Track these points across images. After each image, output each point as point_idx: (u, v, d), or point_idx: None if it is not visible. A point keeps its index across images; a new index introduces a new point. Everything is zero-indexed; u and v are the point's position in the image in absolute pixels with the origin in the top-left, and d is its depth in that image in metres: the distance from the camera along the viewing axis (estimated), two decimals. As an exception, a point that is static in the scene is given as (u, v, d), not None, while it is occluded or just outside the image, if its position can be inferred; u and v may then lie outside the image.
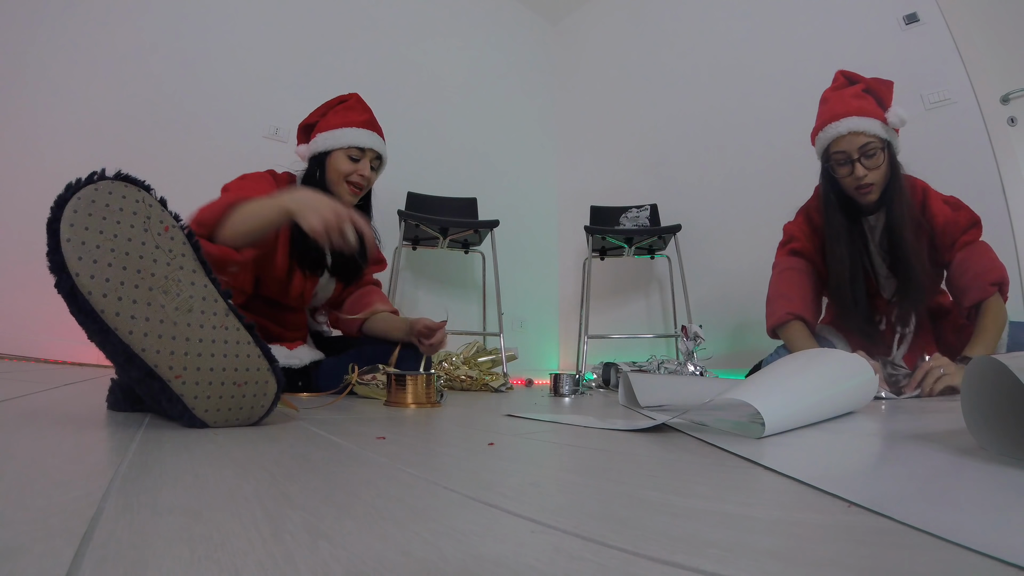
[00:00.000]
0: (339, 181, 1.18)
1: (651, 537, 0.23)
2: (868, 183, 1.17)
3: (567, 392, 1.27)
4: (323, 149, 1.19)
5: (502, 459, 0.43)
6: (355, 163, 1.19)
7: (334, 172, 1.18)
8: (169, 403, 0.53)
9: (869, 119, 1.15)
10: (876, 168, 1.16)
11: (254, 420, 0.58)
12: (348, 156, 1.18)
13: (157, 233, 0.53)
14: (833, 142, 1.18)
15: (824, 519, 0.26)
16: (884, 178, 1.18)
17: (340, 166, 1.18)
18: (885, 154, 1.16)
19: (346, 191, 1.19)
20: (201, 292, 0.55)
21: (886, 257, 1.24)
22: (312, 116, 1.26)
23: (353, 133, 1.19)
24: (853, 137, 1.15)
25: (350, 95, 1.27)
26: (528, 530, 0.24)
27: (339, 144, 1.18)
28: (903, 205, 1.17)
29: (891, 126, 1.16)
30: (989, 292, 1.13)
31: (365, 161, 1.20)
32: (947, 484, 0.35)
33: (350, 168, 1.18)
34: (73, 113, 1.85)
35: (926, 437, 0.53)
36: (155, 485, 0.30)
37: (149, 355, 0.51)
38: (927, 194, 1.25)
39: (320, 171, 1.19)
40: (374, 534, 0.23)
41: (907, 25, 1.97)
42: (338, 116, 1.21)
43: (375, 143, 1.21)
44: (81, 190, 0.49)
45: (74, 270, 0.48)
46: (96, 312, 0.49)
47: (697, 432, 0.56)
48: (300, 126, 1.28)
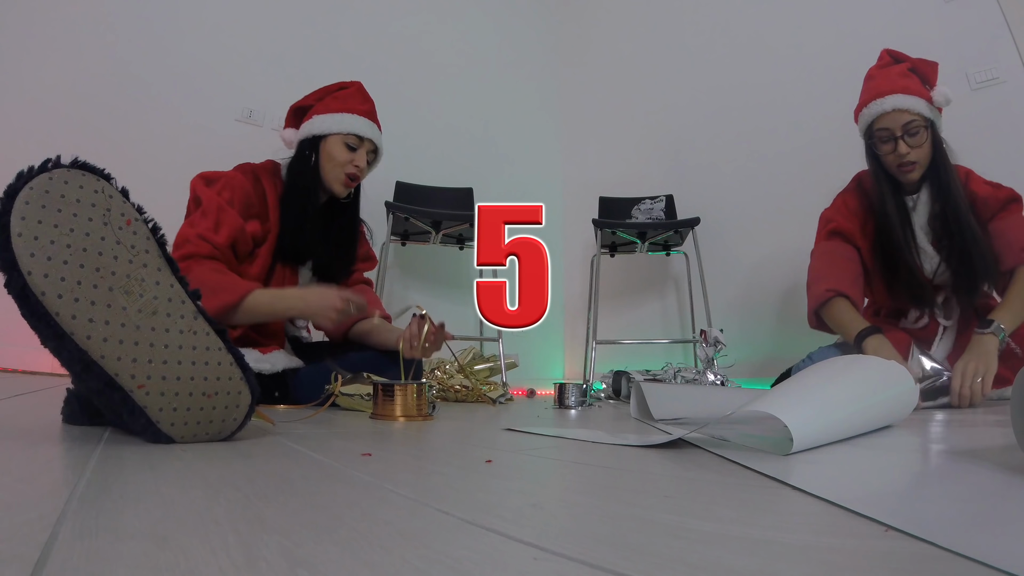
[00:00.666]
0: (333, 169, 1.22)
1: (667, 565, 0.23)
2: (911, 161, 1.26)
3: (573, 404, 1.28)
4: (319, 132, 1.22)
5: (501, 478, 0.43)
6: (351, 152, 1.22)
7: (329, 159, 1.22)
8: (131, 416, 0.53)
9: (914, 97, 1.24)
10: (919, 147, 1.25)
11: (226, 435, 0.58)
12: (345, 143, 1.22)
13: (118, 227, 0.53)
14: (877, 119, 1.27)
15: (859, 545, 0.26)
16: (927, 157, 1.27)
17: (336, 153, 1.22)
18: (928, 133, 1.25)
19: (339, 181, 1.23)
20: (167, 293, 0.55)
21: (929, 234, 1.32)
22: (307, 99, 1.29)
23: (353, 120, 1.22)
24: (897, 115, 1.24)
25: (352, 82, 1.30)
26: (530, 557, 0.24)
27: (337, 129, 1.22)
28: (953, 185, 1.26)
29: (935, 105, 1.26)
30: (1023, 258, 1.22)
31: (362, 152, 1.23)
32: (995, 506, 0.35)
33: (346, 157, 1.22)
34: (24, 92, 1.85)
35: (972, 454, 0.53)
36: (116, 507, 0.30)
37: (109, 363, 0.51)
38: (969, 176, 1.35)
39: (314, 155, 1.22)
40: (359, 561, 0.23)
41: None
42: (338, 102, 1.24)
43: (374, 134, 1.26)
44: (34, 179, 0.49)
45: (26, 268, 0.48)
46: (50, 315, 0.49)
47: (717, 448, 0.56)
48: (292, 108, 1.30)
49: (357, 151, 1.23)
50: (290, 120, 1.30)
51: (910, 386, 0.73)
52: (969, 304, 1.34)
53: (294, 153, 1.25)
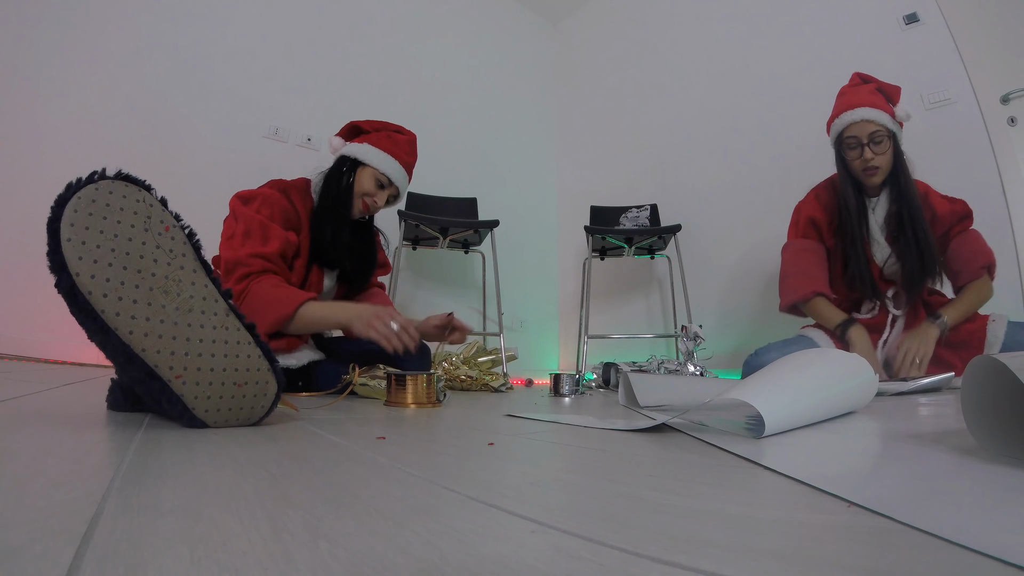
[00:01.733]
0: (358, 195, 1.23)
1: (651, 537, 0.23)
2: (874, 166, 1.33)
3: (567, 392, 1.27)
4: (362, 159, 1.23)
5: (502, 459, 0.43)
6: (378, 188, 1.24)
7: (357, 184, 1.23)
8: (169, 403, 0.53)
9: (879, 111, 1.32)
10: (882, 154, 1.32)
11: (254, 420, 0.58)
12: (376, 179, 1.23)
13: (158, 233, 0.53)
14: (847, 128, 1.35)
15: (825, 519, 0.26)
16: (888, 164, 1.34)
17: (364, 183, 1.23)
18: (891, 143, 1.33)
19: (359, 207, 1.24)
20: (202, 292, 0.55)
21: (883, 229, 1.39)
22: (367, 124, 1.30)
23: (394, 165, 1.24)
24: (865, 124, 1.32)
25: (409, 132, 1.32)
26: (528, 530, 0.24)
27: (378, 165, 1.23)
28: (911, 189, 1.34)
29: (897, 120, 1.34)
30: (979, 275, 1.33)
31: (384, 193, 1.25)
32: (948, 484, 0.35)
33: (372, 190, 1.23)
34: (72, 113, 1.85)
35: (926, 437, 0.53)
36: (155, 485, 0.30)
37: (149, 355, 0.51)
38: (928, 192, 1.41)
39: (350, 175, 1.23)
40: (374, 534, 0.23)
41: (907, 25, 1.97)
42: (390, 141, 1.26)
43: (403, 184, 1.28)
44: (81, 190, 0.49)
45: (74, 270, 0.48)
46: (96, 312, 0.49)
47: (697, 432, 0.56)
48: (351, 124, 1.31)
49: (382, 190, 1.25)
50: (344, 132, 1.31)
51: (870, 376, 0.73)
52: (917, 296, 1.38)
53: (332, 165, 1.25)
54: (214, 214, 1.36)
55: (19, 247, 1.68)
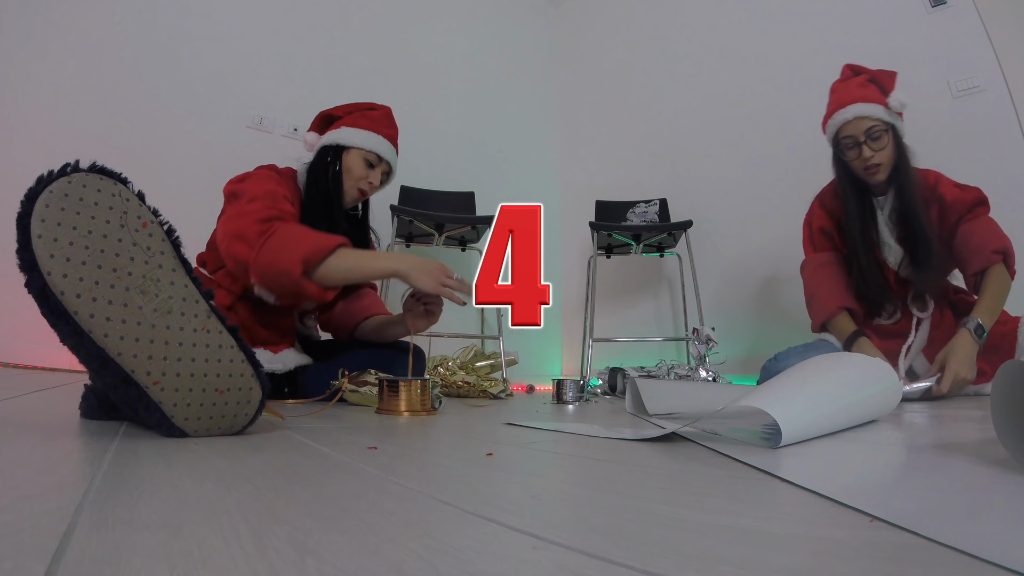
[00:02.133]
0: (348, 180, 1.23)
1: (660, 554, 0.23)
2: (875, 163, 1.32)
3: (571, 399, 1.28)
4: (344, 143, 1.23)
5: (501, 470, 0.43)
6: (369, 168, 1.24)
7: (347, 170, 1.23)
8: (146, 411, 0.53)
9: (873, 104, 1.30)
10: (882, 149, 1.31)
11: (237, 429, 0.58)
12: (365, 159, 1.23)
13: (134, 229, 0.53)
14: (841, 127, 1.33)
15: (846, 535, 0.26)
16: (891, 159, 1.32)
17: (354, 166, 1.23)
18: (890, 136, 1.31)
19: (353, 194, 1.24)
20: (181, 292, 0.54)
21: (894, 230, 1.39)
22: (337, 110, 1.30)
23: (379, 140, 1.24)
24: (859, 121, 1.31)
25: (382, 106, 1.32)
26: (529, 546, 0.24)
27: (361, 144, 1.23)
28: (911, 182, 1.32)
29: (893, 110, 1.31)
30: (992, 260, 1.26)
31: (377, 171, 1.25)
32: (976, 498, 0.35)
33: (363, 172, 1.23)
34: (43, 101, 1.84)
35: (954, 447, 0.53)
36: (131, 498, 0.30)
37: (125, 359, 0.51)
38: (939, 180, 1.38)
39: (337, 163, 1.23)
40: (365, 550, 0.23)
41: (933, 8, 1.97)
42: (367, 120, 1.26)
43: (392, 158, 1.28)
44: (53, 183, 0.49)
45: (46, 268, 0.48)
46: (69, 313, 0.49)
47: (709, 442, 0.56)
48: (321, 115, 1.31)
49: (374, 169, 1.24)
50: (316, 125, 1.30)
51: (894, 382, 0.73)
52: (934, 295, 1.38)
53: (314, 158, 1.25)
54: (195, 209, 1.35)
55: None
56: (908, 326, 1.40)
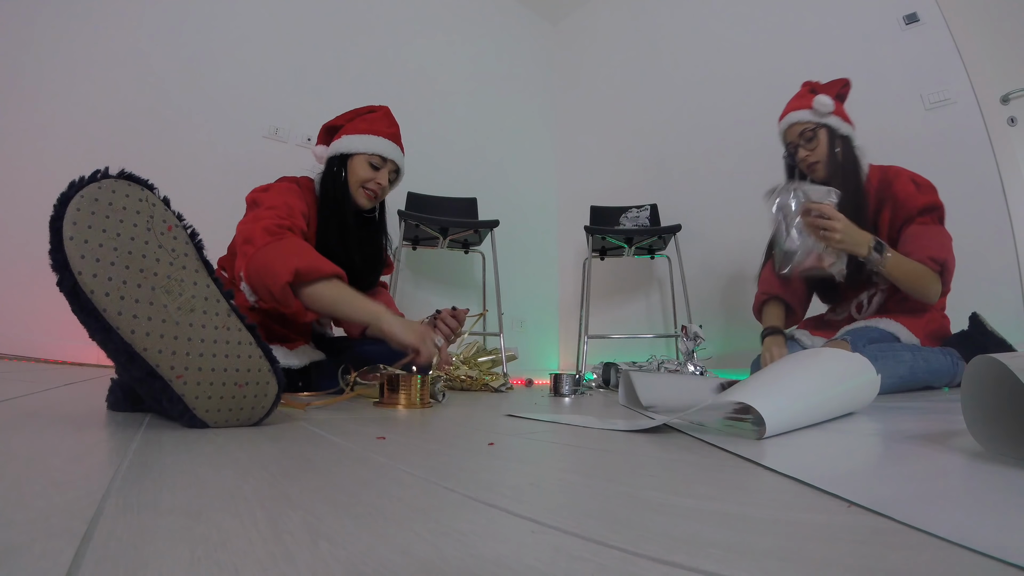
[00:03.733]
0: (357, 185, 1.21)
1: (651, 537, 0.23)
2: (811, 161, 1.36)
3: (567, 392, 1.27)
4: (347, 151, 1.21)
5: (502, 459, 0.43)
6: (375, 171, 1.21)
7: (353, 175, 1.21)
8: (170, 403, 0.53)
9: (800, 111, 1.37)
10: (815, 149, 1.36)
11: (254, 421, 0.58)
12: (369, 163, 1.21)
13: (160, 232, 0.53)
14: (784, 135, 1.42)
15: (824, 519, 0.26)
16: (825, 155, 1.35)
17: (360, 171, 1.20)
18: (824, 134, 1.35)
19: (363, 196, 1.22)
20: (203, 292, 0.55)
21: None
22: (338, 119, 1.28)
23: (378, 142, 1.22)
24: (793, 127, 1.38)
25: (380, 107, 1.29)
26: (528, 530, 0.24)
27: (364, 149, 1.21)
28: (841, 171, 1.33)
29: (817, 111, 1.34)
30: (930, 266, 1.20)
31: (384, 171, 1.23)
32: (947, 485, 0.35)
33: (369, 175, 1.21)
34: (71, 113, 1.85)
35: (927, 438, 0.53)
36: (155, 485, 0.30)
37: (151, 355, 0.51)
38: (898, 175, 1.34)
39: (343, 171, 1.21)
40: (374, 534, 0.23)
41: (907, 25, 1.97)
42: (366, 123, 1.24)
43: (396, 156, 1.24)
44: (84, 188, 0.49)
45: (76, 268, 0.48)
46: (98, 311, 0.49)
47: (697, 432, 0.56)
48: (324, 127, 1.29)
49: (380, 170, 1.22)
50: (322, 138, 1.28)
51: (872, 377, 0.73)
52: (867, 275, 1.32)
53: (324, 169, 1.24)
54: (215, 214, 1.36)
55: (19, 247, 1.68)
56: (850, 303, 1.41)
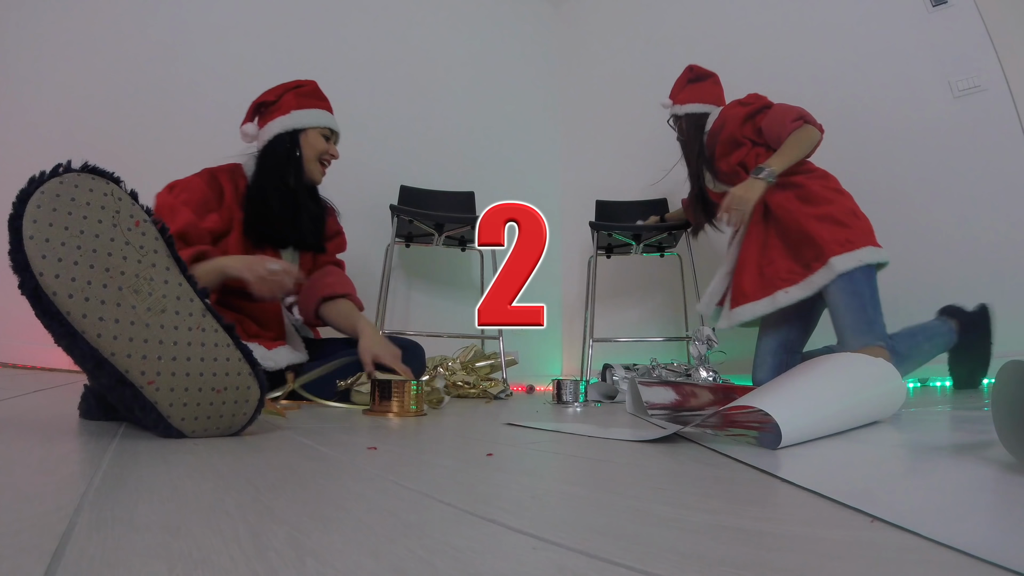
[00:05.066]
0: (314, 158, 1.30)
1: (660, 554, 0.23)
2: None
3: (571, 399, 1.28)
4: (300, 126, 1.29)
5: (501, 471, 0.43)
6: (327, 143, 1.33)
7: (311, 149, 1.29)
8: (143, 411, 0.52)
9: None
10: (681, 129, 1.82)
11: (236, 429, 0.57)
12: (322, 135, 1.32)
13: (127, 228, 0.52)
14: None
15: (846, 535, 0.26)
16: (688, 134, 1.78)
17: (317, 144, 1.30)
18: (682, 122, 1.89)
19: (318, 169, 1.32)
20: (175, 291, 0.54)
21: None
22: (269, 95, 1.33)
23: (328, 116, 1.34)
24: None
25: (308, 81, 1.38)
26: (529, 546, 0.24)
27: (317, 123, 1.31)
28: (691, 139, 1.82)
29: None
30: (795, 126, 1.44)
31: (333, 142, 1.34)
32: (978, 499, 0.35)
33: (325, 147, 1.32)
34: (45, 101, 1.84)
35: (955, 448, 0.53)
36: (131, 499, 0.30)
37: (119, 360, 0.50)
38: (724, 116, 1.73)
39: (295, 147, 1.29)
40: (364, 551, 0.23)
41: (934, 7, 1.97)
42: (307, 99, 1.32)
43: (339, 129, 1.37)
44: (45, 184, 0.49)
45: (38, 269, 0.47)
46: (62, 314, 0.48)
47: (709, 442, 0.56)
48: (255, 104, 1.34)
49: (330, 141, 1.33)
50: (250, 115, 1.34)
51: (898, 384, 0.73)
52: None
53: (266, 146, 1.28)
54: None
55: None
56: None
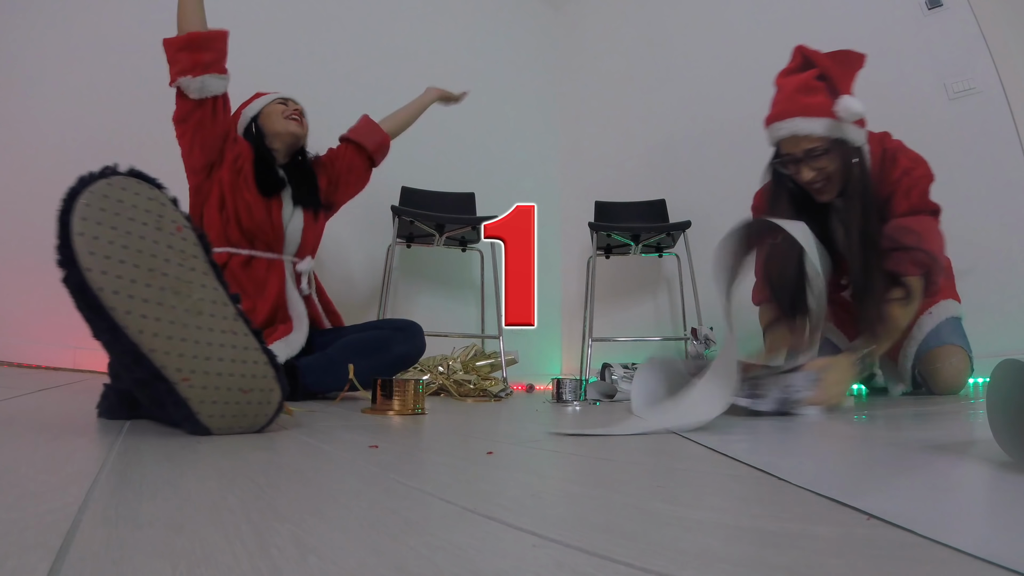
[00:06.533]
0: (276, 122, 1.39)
1: (659, 551, 0.23)
2: (817, 183, 1.11)
3: (570, 398, 1.27)
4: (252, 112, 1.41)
5: (501, 469, 0.43)
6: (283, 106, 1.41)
7: (269, 119, 1.39)
8: (174, 407, 0.54)
9: (813, 119, 1.06)
10: (823, 168, 1.10)
11: (256, 428, 0.59)
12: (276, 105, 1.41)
13: (169, 232, 0.54)
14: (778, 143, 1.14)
15: (843, 533, 0.26)
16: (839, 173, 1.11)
17: (273, 110, 1.40)
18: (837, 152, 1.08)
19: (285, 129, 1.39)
20: (211, 295, 0.56)
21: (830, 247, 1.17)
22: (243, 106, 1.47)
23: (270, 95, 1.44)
24: (796, 140, 1.08)
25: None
26: (529, 544, 0.24)
27: (264, 103, 1.42)
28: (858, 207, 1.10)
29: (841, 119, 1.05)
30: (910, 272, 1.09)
31: (291, 105, 1.42)
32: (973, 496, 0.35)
33: (281, 108, 1.40)
34: (55, 104, 1.84)
35: (950, 447, 0.53)
36: (135, 496, 0.30)
37: (158, 356, 0.52)
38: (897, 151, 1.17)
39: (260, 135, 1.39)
40: (366, 548, 0.23)
41: (930, 10, 1.97)
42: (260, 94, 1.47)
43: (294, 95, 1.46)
44: (94, 183, 0.51)
45: (85, 265, 0.49)
46: (106, 309, 0.50)
47: (708, 442, 0.56)
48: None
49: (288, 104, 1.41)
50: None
51: None
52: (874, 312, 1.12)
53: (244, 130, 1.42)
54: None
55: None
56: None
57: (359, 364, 1.05)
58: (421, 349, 1.29)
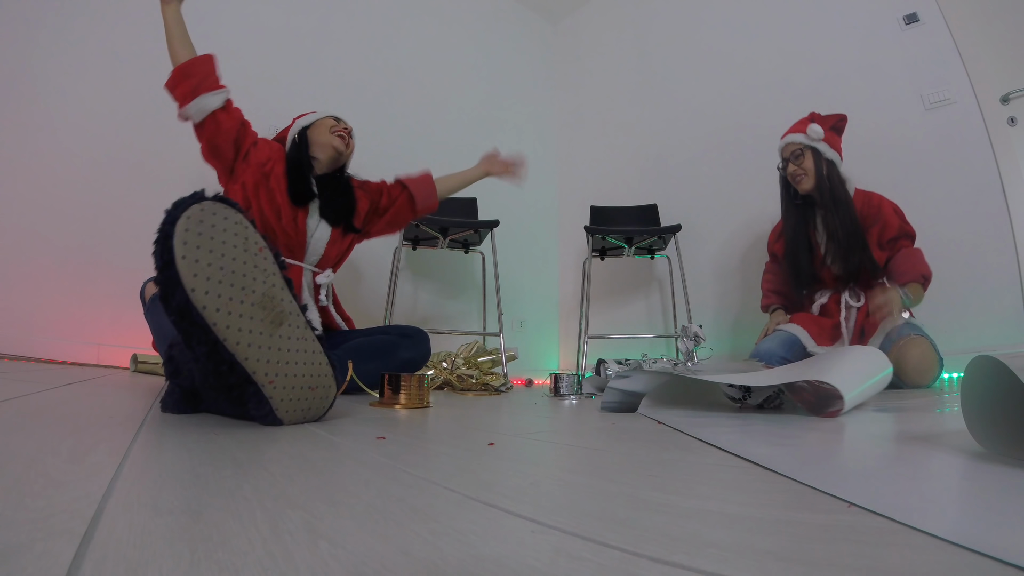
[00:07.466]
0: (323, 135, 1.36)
1: (651, 537, 0.23)
2: (798, 175, 1.64)
3: (567, 392, 1.27)
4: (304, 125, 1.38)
5: (502, 459, 0.43)
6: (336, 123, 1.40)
7: (319, 132, 1.36)
8: (258, 405, 0.58)
9: (796, 133, 1.66)
10: (801, 164, 1.63)
11: (317, 417, 0.64)
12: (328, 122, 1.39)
13: (254, 253, 0.57)
14: (781, 151, 1.70)
15: (825, 519, 0.26)
16: (811, 173, 1.62)
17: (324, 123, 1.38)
18: (810, 155, 1.62)
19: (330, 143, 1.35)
20: (288, 308, 0.60)
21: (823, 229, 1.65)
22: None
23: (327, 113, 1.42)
24: (787, 146, 1.67)
25: None
26: (528, 530, 0.24)
27: (318, 116, 1.40)
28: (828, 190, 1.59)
29: (810, 136, 1.62)
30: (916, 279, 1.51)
31: (342, 123, 1.40)
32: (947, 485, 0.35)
33: (332, 123, 1.38)
34: (70, 113, 1.84)
35: (926, 438, 0.53)
36: (155, 485, 0.30)
37: (250, 364, 0.56)
38: (882, 202, 1.62)
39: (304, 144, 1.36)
40: (374, 534, 0.23)
41: (907, 25, 1.97)
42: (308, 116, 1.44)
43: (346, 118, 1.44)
44: (188, 208, 0.53)
45: (189, 286, 0.51)
46: (208, 325, 0.53)
47: (699, 434, 0.56)
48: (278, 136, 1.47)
49: (340, 122, 1.39)
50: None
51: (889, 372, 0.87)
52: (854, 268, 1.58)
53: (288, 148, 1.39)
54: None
55: (17, 247, 1.68)
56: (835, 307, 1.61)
57: (367, 367, 1.05)
58: (426, 355, 1.29)
